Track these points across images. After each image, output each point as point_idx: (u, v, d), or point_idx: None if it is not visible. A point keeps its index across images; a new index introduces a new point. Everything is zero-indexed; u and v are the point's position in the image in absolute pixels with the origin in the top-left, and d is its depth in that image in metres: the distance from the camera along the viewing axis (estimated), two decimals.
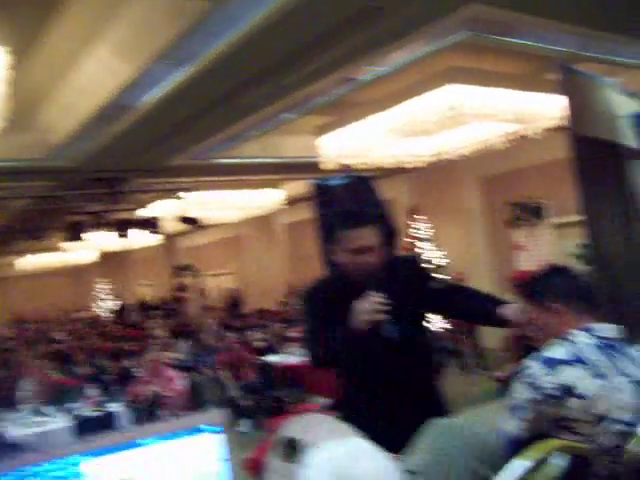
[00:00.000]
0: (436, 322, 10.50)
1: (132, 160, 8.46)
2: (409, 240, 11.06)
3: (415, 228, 11.07)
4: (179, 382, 6.25)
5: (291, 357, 7.56)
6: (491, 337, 10.33)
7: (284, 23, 4.64)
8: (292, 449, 1.41)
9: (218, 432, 1.38)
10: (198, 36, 4.79)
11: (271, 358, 7.49)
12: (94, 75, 5.66)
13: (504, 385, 1.92)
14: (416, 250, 10.92)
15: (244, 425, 7.27)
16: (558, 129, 7.25)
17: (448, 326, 10.40)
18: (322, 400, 6.51)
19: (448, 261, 10.91)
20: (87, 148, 7.54)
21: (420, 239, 10.99)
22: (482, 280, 10.93)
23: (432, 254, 10.92)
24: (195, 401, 7.98)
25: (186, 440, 1.32)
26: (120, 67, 5.38)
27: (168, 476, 1.30)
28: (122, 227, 11.47)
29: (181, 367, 8.10)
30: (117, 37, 5.15)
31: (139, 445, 1.26)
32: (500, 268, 10.42)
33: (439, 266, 10.84)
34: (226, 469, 1.38)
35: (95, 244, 14.21)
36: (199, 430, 1.34)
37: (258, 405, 7.51)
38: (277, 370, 7.16)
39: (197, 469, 1.33)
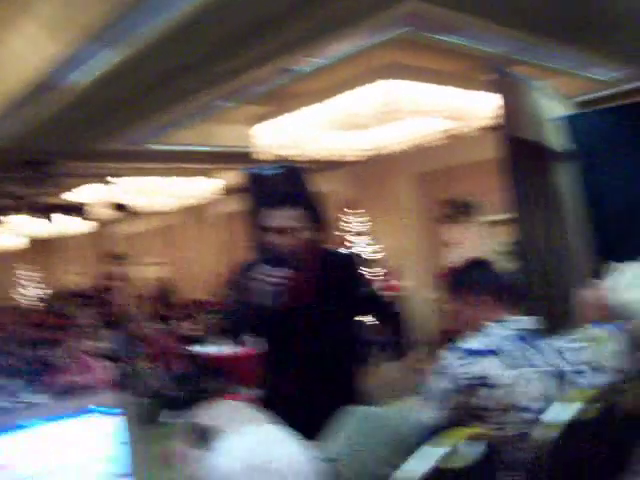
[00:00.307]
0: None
1: (62, 143, 8.17)
2: (344, 234, 11.12)
3: (351, 222, 11.13)
4: (105, 372, 6.10)
5: (221, 347, 7.49)
6: (421, 331, 10.51)
7: (222, 8, 4.56)
8: (204, 436, 1.38)
9: (115, 414, 1.32)
10: (133, 16, 4.64)
11: (200, 348, 7.39)
12: (20, 52, 5.43)
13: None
14: (351, 244, 10.99)
15: (170, 416, 7.16)
16: (491, 128, 7.42)
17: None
18: (250, 390, 6.48)
19: (381, 255, 11.02)
20: (13, 129, 7.23)
21: (355, 233, 11.06)
22: (415, 274, 11.11)
23: (366, 248, 11.00)
24: (121, 391, 7.82)
25: (76, 422, 1.25)
26: (49, 44, 5.16)
27: (55, 460, 1.22)
28: (49, 212, 11.13)
29: (107, 357, 7.92)
30: (46, 12, 4.94)
31: (22, 428, 1.17)
32: (432, 263, 10.60)
33: (373, 260, 10.94)
34: (124, 452, 1.32)
35: (23, 229, 13.71)
36: (91, 412, 1.28)
37: (185, 396, 7.41)
38: (206, 360, 7.07)
39: (89, 452, 1.27)
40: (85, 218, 11.65)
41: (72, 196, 12.20)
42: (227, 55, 5.49)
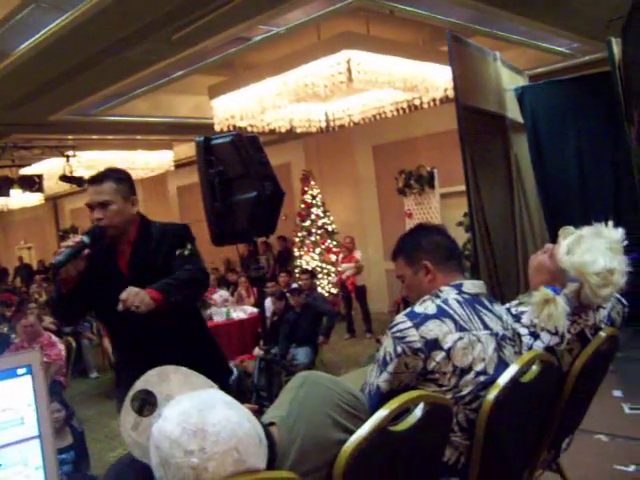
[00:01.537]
0: (325, 287, 10.68)
1: (9, 113, 7.91)
2: (302, 205, 11.10)
3: (308, 193, 11.11)
4: (59, 347, 5.99)
5: None
6: (379, 302, 10.62)
7: None
8: (145, 402, 1.37)
9: (26, 374, 1.28)
10: None
11: None
12: None
13: None
14: (309, 215, 11.00)
15: None
16: (448, 100, 7.45)
17: (335, 291, 10.60)
18: None
19: (336, 227, 11.05)
20: None
21: (312, 204, 11.05)
22: (372, 245, 11.19)
23: (324, 219, 11.01)
24: (77, 366, 7.72)
25: None
26: None
27: None
28: (1, 185, 10.82)
29: (63, 332, 7.79)
30: None
31: None
32: (390, 234, 10.67)
33: (330, 232, 10.96)
34: (34, 413, 1.29)
35: None
36: (4, 374, 1.25)
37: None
38: None
39: (0, 414, 1.24)
40: (38, 191, 11.35)
41: (28, 169, 11.91)
42: (181, 22, 5.36)
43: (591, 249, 2.04)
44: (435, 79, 7.49)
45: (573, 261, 2.06)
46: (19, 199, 13.03)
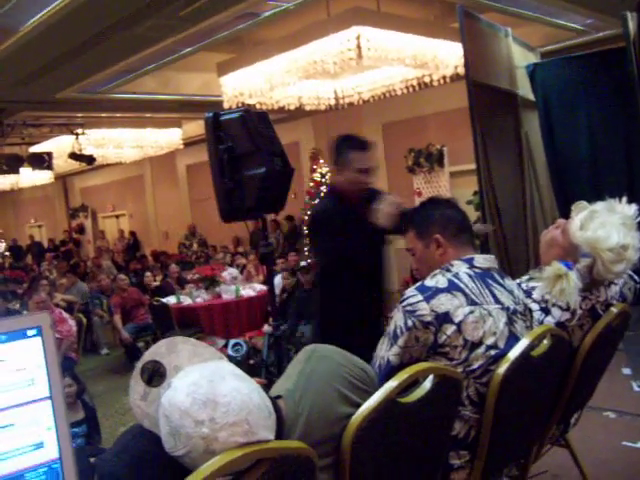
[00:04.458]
0: None
1: (17, 90, 7.89)
2: (311, 184, 11.06)
3: (317, 172, 11.06)
4: (70, 323, 6.03)
5: (188, 298, 7.46)
6: (392, 280, 10.62)
7: None
8: (155, 372, 1.38)
9: (36, 336, 1.26)
10: None
11: (168, 299, 7.37)
12: None
13: None
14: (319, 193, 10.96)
15: None
16: (458, 77, 7.36)
17: None
18: (218, 340, 6.51)
19: None
20: None
21: (321, 183, 11.00)
22: None
23: None
24: (88, 343, 7.79)
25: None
26: None
27: None
28: (11, 163, 10.84)
29: (74, 309, 7.85)
30: None
31: None
32: None
33: None
34: (44, 374, 1.28)
35: None
36: (14, 335, 1.24)
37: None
38: (174, 311, 7.06)
39: (11, 375, 1.23)
40: (48, 168, 11.36)
41: (37, 147, 11.91)
42: None
43: (605, 224, 2.02)
44: (446, 56, 7.39)
45: (586, 236, 2.03)
46: (29, 177, 13.06)
